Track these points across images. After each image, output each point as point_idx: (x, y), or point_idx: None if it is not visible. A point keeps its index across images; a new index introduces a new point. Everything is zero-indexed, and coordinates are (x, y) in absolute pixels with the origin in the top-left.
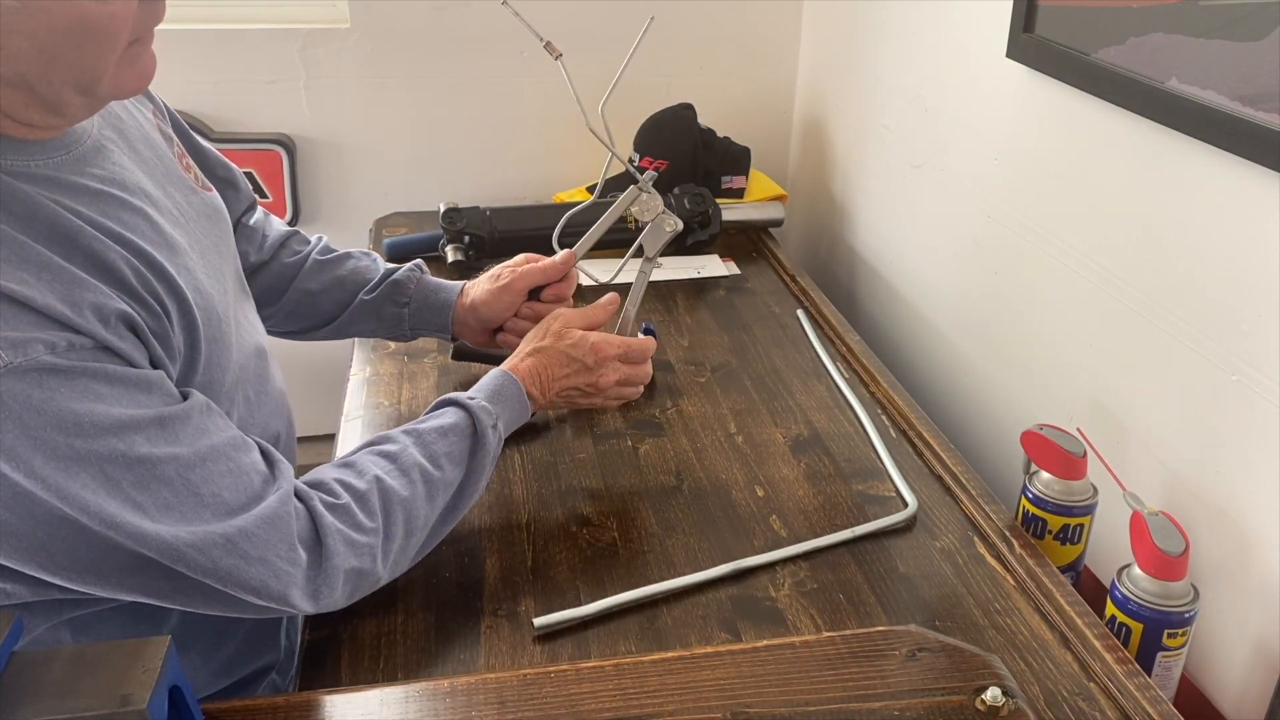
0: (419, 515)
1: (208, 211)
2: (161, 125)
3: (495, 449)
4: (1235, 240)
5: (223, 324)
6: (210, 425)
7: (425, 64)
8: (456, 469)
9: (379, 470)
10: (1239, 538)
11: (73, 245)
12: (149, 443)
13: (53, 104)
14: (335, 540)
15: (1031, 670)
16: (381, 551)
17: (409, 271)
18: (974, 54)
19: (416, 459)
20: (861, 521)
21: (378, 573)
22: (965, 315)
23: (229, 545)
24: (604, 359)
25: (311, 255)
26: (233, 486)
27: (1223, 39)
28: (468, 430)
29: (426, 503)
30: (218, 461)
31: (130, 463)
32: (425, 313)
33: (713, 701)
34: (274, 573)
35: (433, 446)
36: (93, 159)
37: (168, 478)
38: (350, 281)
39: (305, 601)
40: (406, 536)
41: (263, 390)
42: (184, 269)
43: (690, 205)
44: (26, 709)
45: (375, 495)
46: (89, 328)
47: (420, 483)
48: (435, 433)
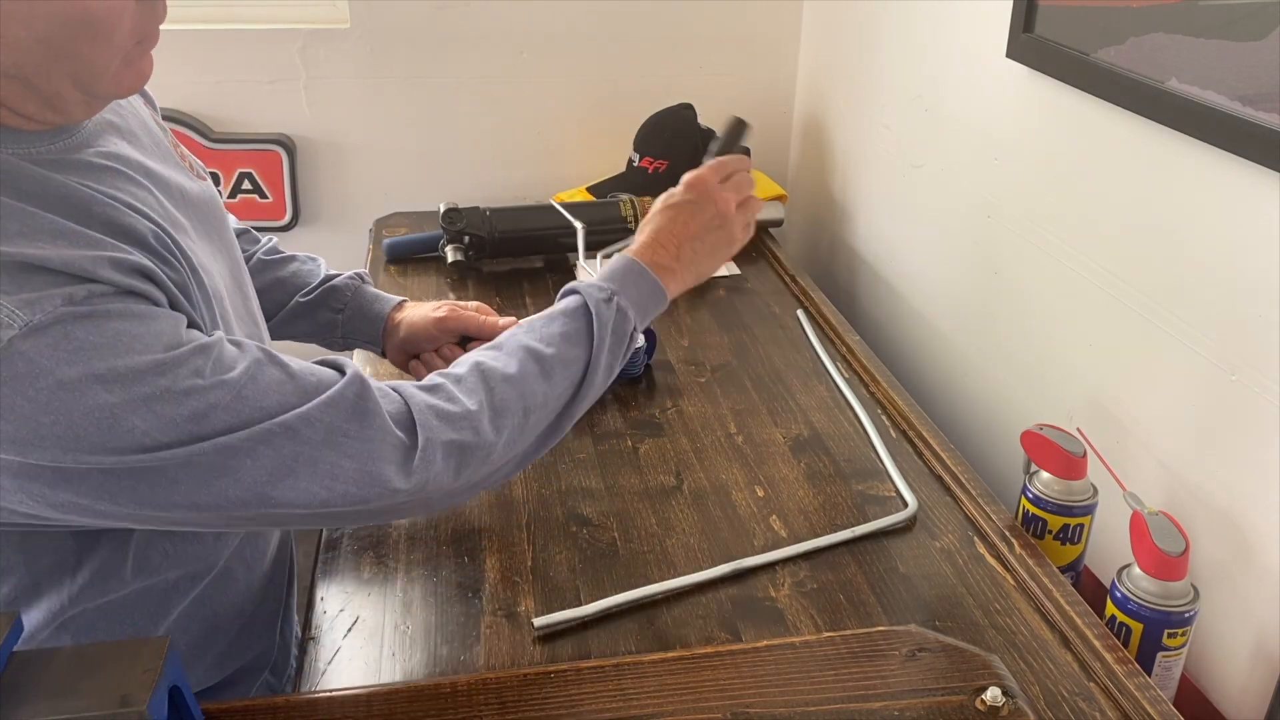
0: (534, 391)
1: (205, 199)
2: (155, 116)
3: (619, 323)
4: (1235, 240)
5: (224, 304)
6: (247, 346)
7: (425, 64)
8: (575, 347)
9: (479, 357)
10: (1239, 538)
11: (88, 213)
12: (195, 374)
13: (49, 98)
14: (426, 415)
15: (1031, 670)
16: (490, 425)
17: (348, 279)
18: (974, 54)
19: (521, 342)
20: (861, 521)
21: (486, 444)
22: (965, 315)
23: (289, 434)
24: (706, 188)
25: (257, 254)
26: (294, 389)
27: (1223, 39)
28: (580, 309)
29: (542, 379)
30: (269, 371)
31: (178, 397)
32: (358, 321)
33: (713, 701)
34: (347, 452)
35: (541, 330)
36: (94, 139)
37: (223, 404)
38: (290, 283)
39: (399, 476)
40: (524, 414)
41: None
42: (188, 247)
43: None
44: (26, 709)
45: (474, 375)
46: (107, 276)
47: (530, 360)
48: (544, 319)
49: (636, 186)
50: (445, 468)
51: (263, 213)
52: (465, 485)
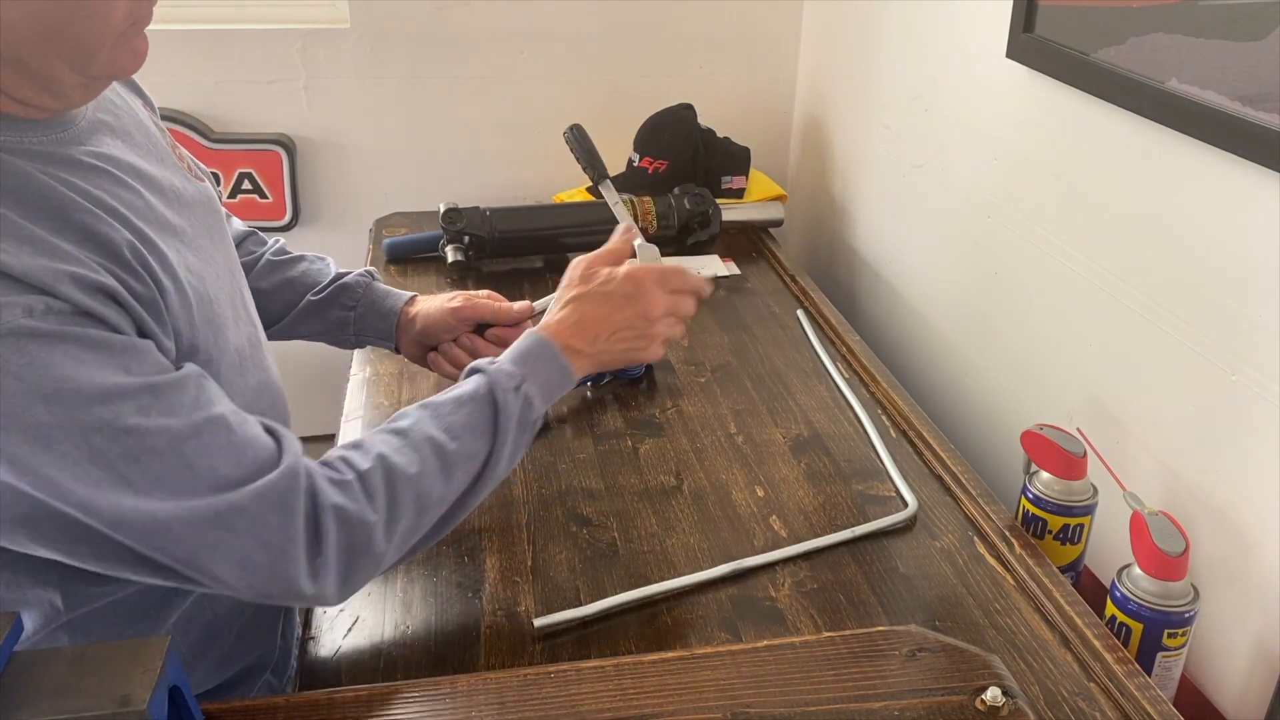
0: (432, 492)
1: (202, 200)
2: (153, 117)
3: (524, 413)
4: (1235, 240)
5: (216, 307)
6: (207, 396)
7: (425, 64)
8: (478, 439)
9: (385, 448)
10: (1239, 538)
11: (64, 219)
12: (139, 412)
13: (45, 81)
14: (329, 518)
15: (1031, 670)
16: (384, 531)
17: (358, 276)
18: (974, 54)
19: (428, 433)
20: (861, 521)
21: (378, 552)
22: (965, 315)
23: (216, 519)
24: (644, 286)
25: (265, 256)
26: (231, 460)
27: (1223, 39)
28: (486, 397)
29: (441, 478)
30: (215, 434)
31: (117, 433)
32: (371, 318)
33: (713, 701)
34: (264, 548)
35: (448, 418)
36: (86, 137)
37: (159, 450)
38: (300, 283)
39: (307, 582)
40: (418, 515)
41: (260, 381)
42: (176, 250)
43: (690, 205)
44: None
45: (379, 473)
46: (67, 293)
47: (432, 457)
48: (451, 403)
49: (636, 186)
50: (339, 574)
51: (263, 213)
52: (350, 590)
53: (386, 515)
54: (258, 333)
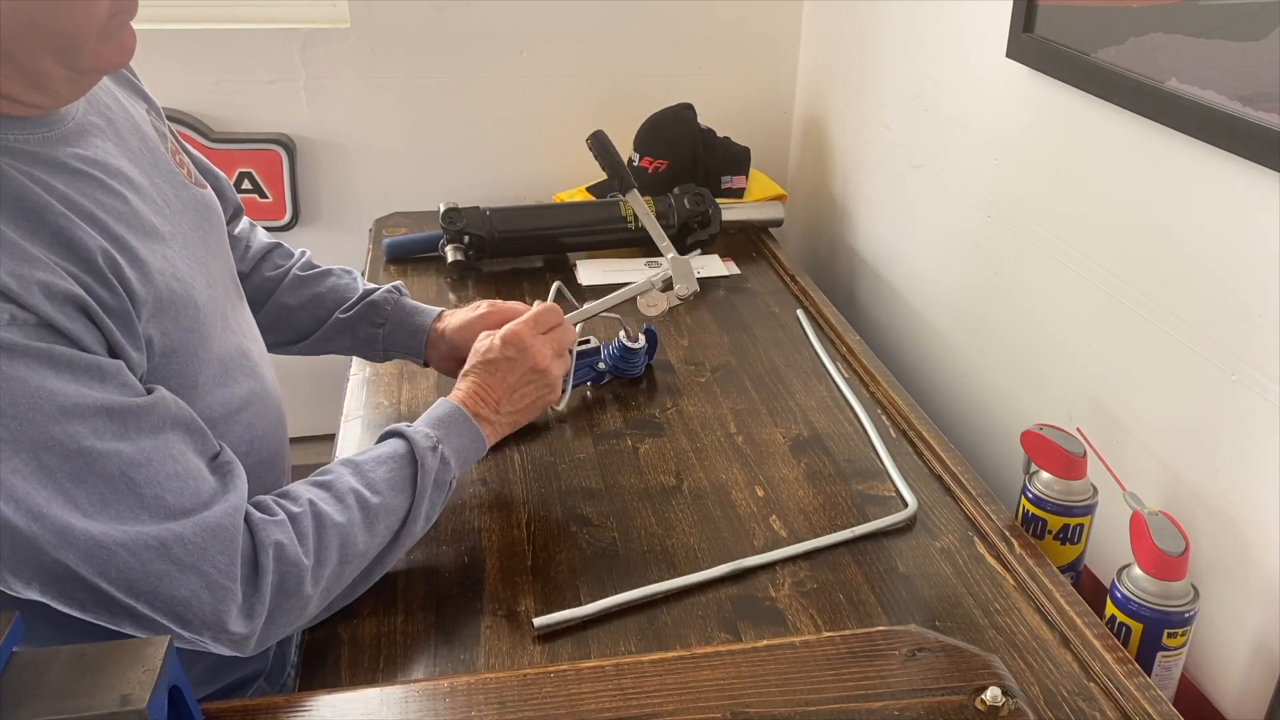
0: (355, 542)
1: (198, 207)
2: (156, 123)
3: (440, 473)
4: (1235, 240)
5: (201, 315)
6: (164, 423)
7: (425, 64)
8: (399, 495)
9: (313, 495)
10: (1239, 538)
11: (38, 221)
12: (94, 435)
13: (33, 75)
14: (268, 556)
15: (1031, 670)
16: (311, 576)
17: (386, 293)
18: (974, 54)
19: (352, 485)
20: (861, 521)
21: (305, 596)
22: (965, 315)
23: (163, 549)
24: (523, 344)
25: (292, 270)
26: (177, 490)
27: (1223, 39)
28: (406, 456)
29: (364, 530)
30: (164, 462)
31: (69, 454)
32: (400, 335)
33: (713, 701)
34: (207, 584)
35: (370, 474)
36: (75, 139)
37: (108, 474)
38: (329, 299)
39: (240, 622)
40: (341, 563)
41: (251, 390)
42: (160, 256)
43: (690, 205)
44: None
45: (309, 518)
46: (33, 303)
47: (356, 509)
48: (373, 461)
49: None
50: (268, 616)
51: (263, 212)
52: (270, 635)
53: (315, 560)
54: (250, 342)
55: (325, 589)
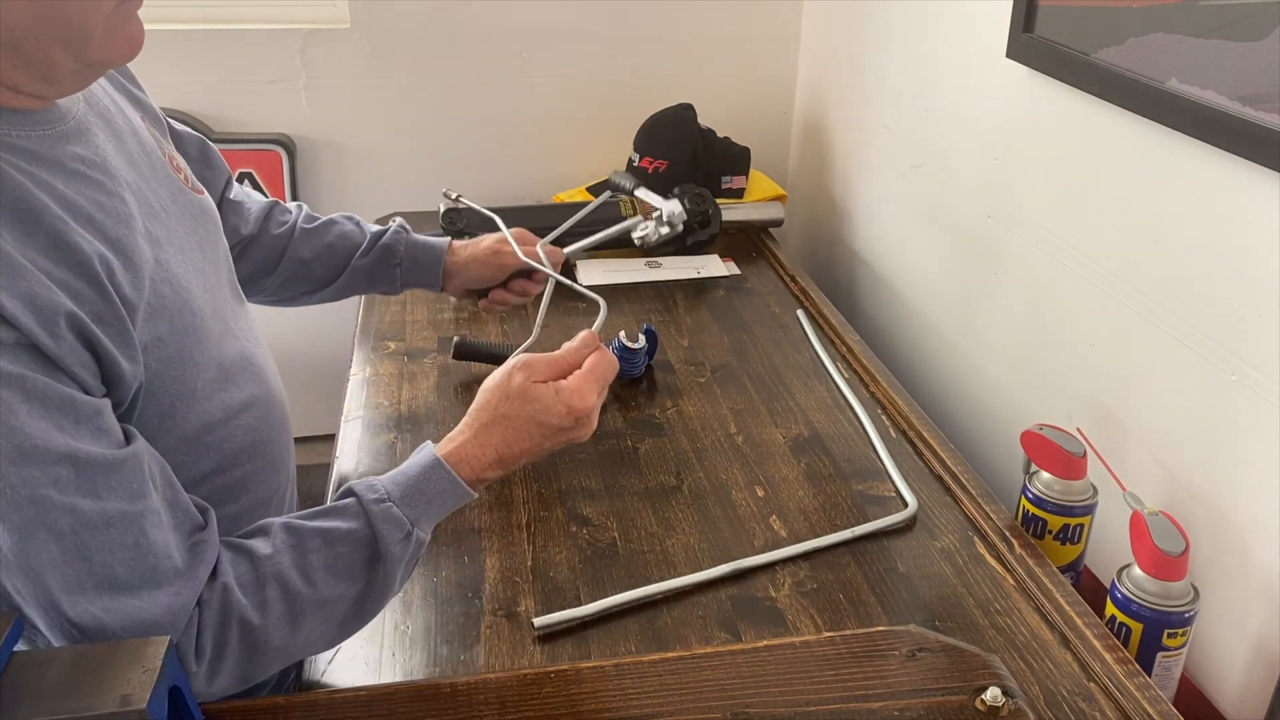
0: (270, 640)
1: (194, 212)
2: (153, 130)
3: (409, 554)
4: (1235, 240)
5: (198, 319)
6: (135, 484)
7: (425, 63)
8: (342, 584)
9: (233, 576)
10: (1239, 538)
11: (34, 223)
12: (53, 484)
13: (40, 64)
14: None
15: (1031, 670)
16: (205, 675)
17: (395, 234)
18: (974, 54)
19: (281, 570)
20: (861, 521)
21: (197, 689)
22: (965, 315)
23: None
24: (583, 414)
25: (298, 224)
26: (130, 563)
27: (1223, 39)
28: (364, 541)
29: (286, 625)
30: (126, 530)
31: (20, 501)
32: (415, 269)
33: (713, 701)
34: None
35: (311, 556)
36: (75, 139)
37: (59, 530)
38: (340, 247)
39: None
40: (249, 657)
41: (251, 394)
42: (155, 260)
43: (690, 205)
44: (26, 709)
45: (215, 608)
46: (16, 317)
47: (278, 603)
48: (319, 538)
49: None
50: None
51: None
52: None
53: (212, 656)
54: (253, 346)
55: (232, 678)
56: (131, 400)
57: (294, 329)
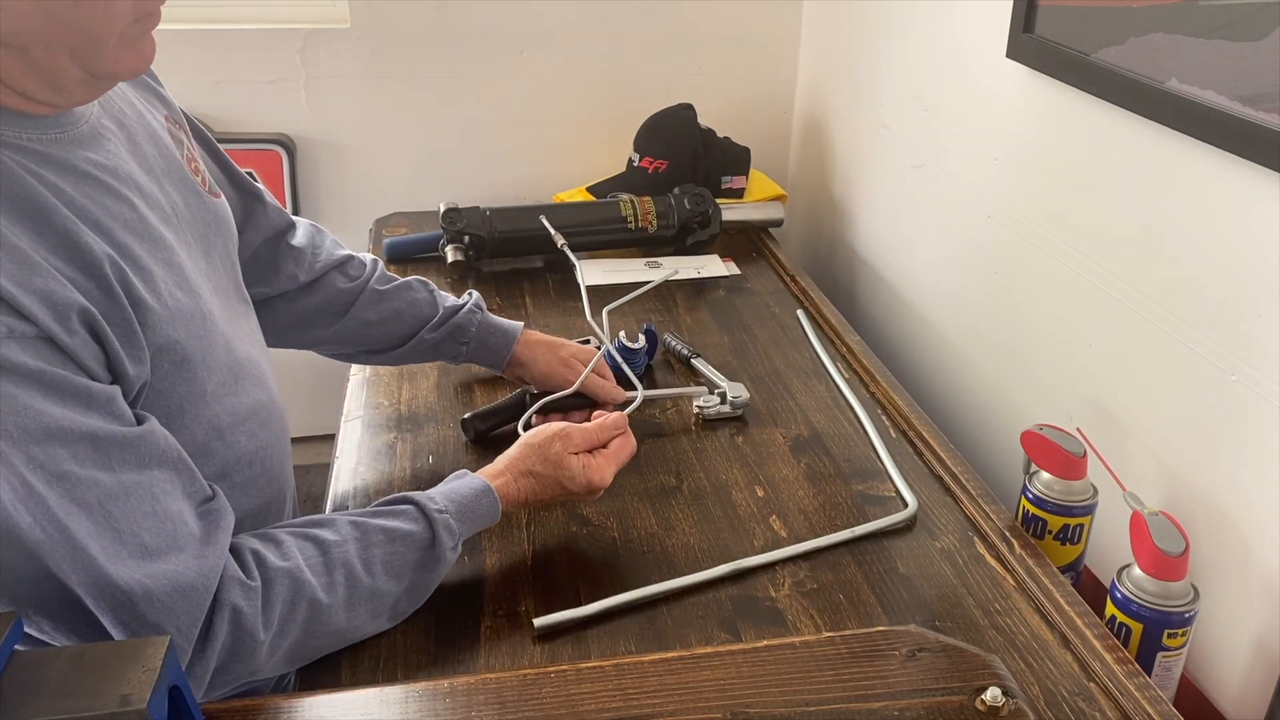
0: (330, 621)
1: (208, 217)
2: (174, 130)
3: (448, 565)
4: (1235, 240)
5: (208, 323)
6: (150, 459)
7: (425, 64)
8: (394, 581)
9: (302, 558)
10: (1239, 538)
11: (45, 223)
12: (74, 459)
13: (49, 73)
14: (223, 619)
15: (1031, 670)
16: (268, 647)
17: (469, 314)
18: (974, 54)
19: (348, 557)
20: (861, 521)
21: (257, 665)
22: (965, 315)
23: (129, 603)
24: (597, 489)
25: (370, 285)
26: (154, 530)
27: (1223, 39)
28: (422, 544)
29: (345, 610)
30: (143, 500)
31: (49, 478)
32: (482, 352)
33: (713, 701)
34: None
35: (374, 549)
36: (87, 142)
37: (87, 502)
38: (409, 315)
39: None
40: (306, 637)
41: (256, 401)
42: (165, 263)
43: (690, 205)
44: (26, 709)
45: (285, 584)
46: (33, 313)
47: (342, 586)
48: (382, 534)
49: (637, 186)
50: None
51: None
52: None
53: (277, 630)
54: (259, 351)
55: (286, 657)
56: (133, 401)
57: None
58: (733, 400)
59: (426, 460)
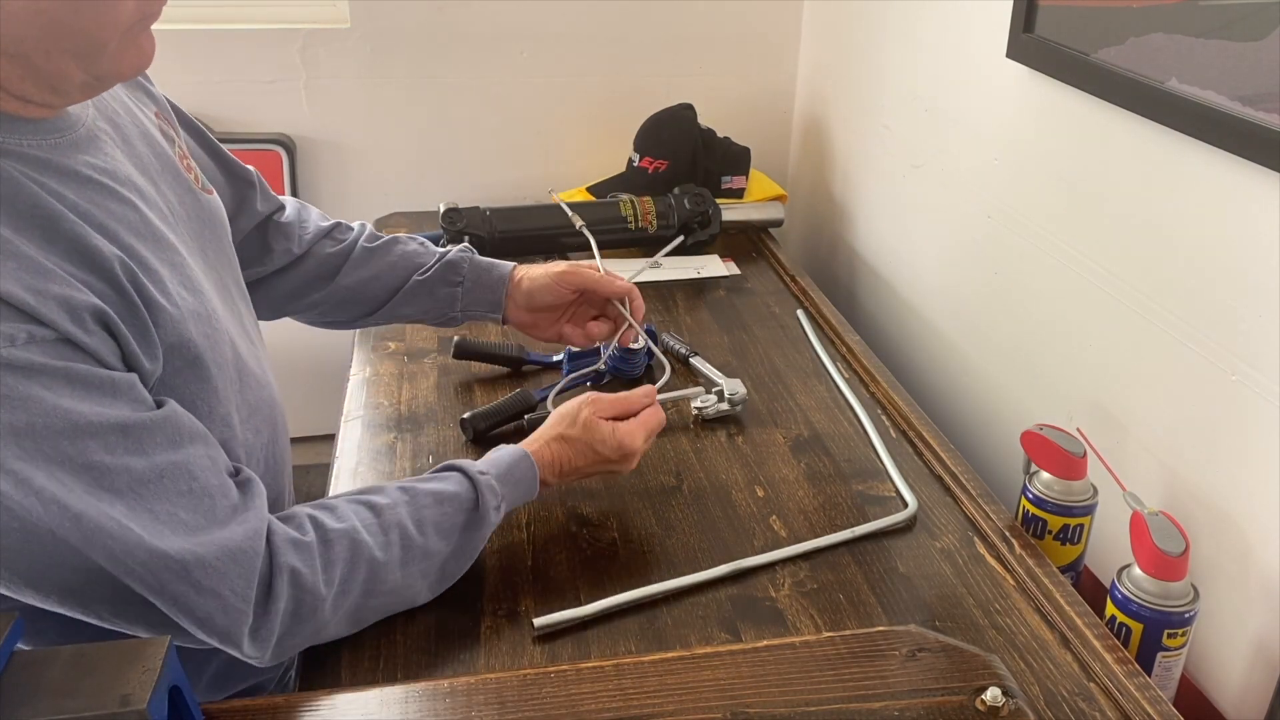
0: (386, 578)
1: (203, 215)
2: (164, 126)
3: (493, 526)
4: (1235, 240)
5: (213, 321)
6: (179, 438)
7: (425, 64)
8: (443, 540)
9: (358, 520)
10: (1239, 538)
11: (53, 230)
12: (105, 450)
13: (50, 77)
14: (283, 581)
15: (1031, 670)
16: (331, 604)
17: (461, 253)
18: (974, 54)
19: (401, 518)
20: (861, 521)
21: (321, 623)
22: (965, 315)
23: (183, 570)
24: (630, 453)
25: (359, 243)
26: (195, 507)
27: (1223, 39)
28: (468, 505)
29: (399, 567)
30: (177, 479)
31: (79, 468)
32: (478, 290)
33: (713, 701)
34: (223, 607)
35: (424, 511)
36: (86, 147)
37: (120, 490)
38: (402, 265)
39: (250, 644)
40: (365, 596)
41: (259, 398)
42: (170, 264)
43: (690, 205)
44: (26, 709)
45: (345, 544)
46: (51, 318)
47: (397, 545)
48: (431, 497)
49: (637, 186)
50: (278, 638)
51: None
52: (282, 654)
53: (339, 588)
54: (260, 349)
55: (348, 617)
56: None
57: (294, 328)
58: (730, 397)
59: (426, 460)
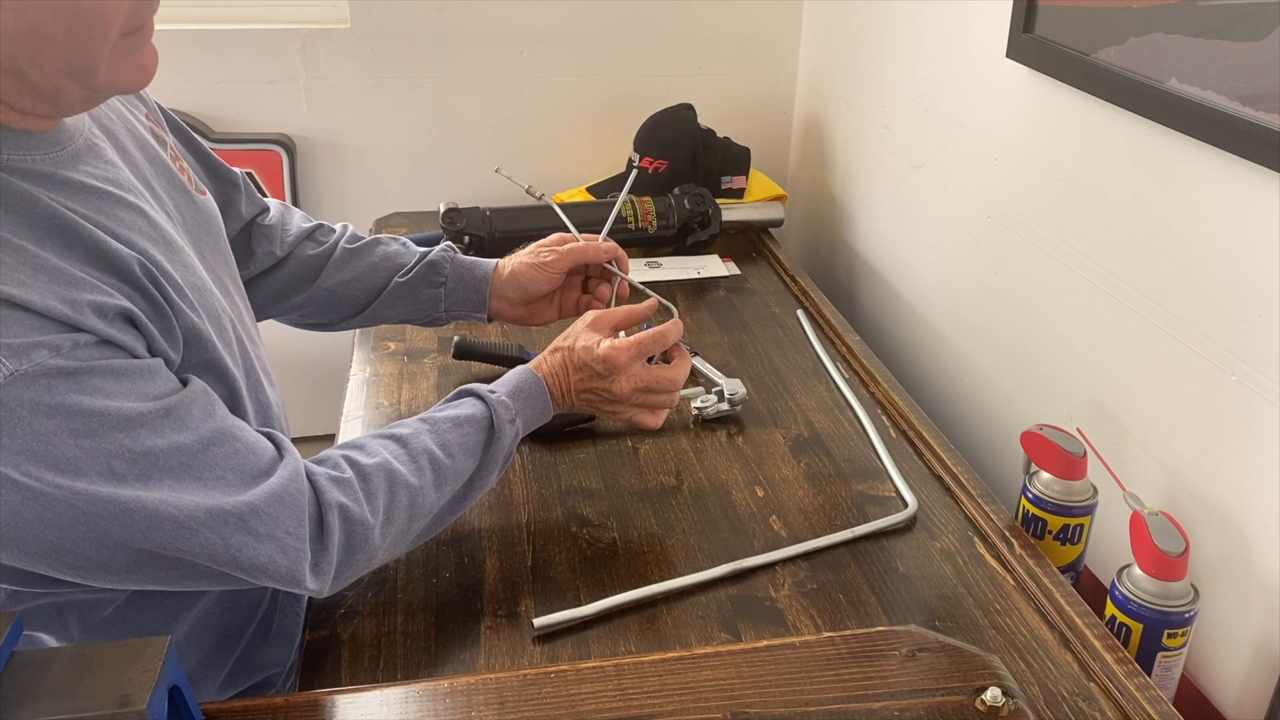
0: (424, 501)
1: (200, 216)
2: (155, 129)
3: (511, 445)
4: (1235, 240)
5: (222, 320)
6: (211, 408)
7: (425, 64)
8: (469, 459)
9: (388, 453)
10: (1239, 538)
11: (74, 239)
12: (155, 434)
13: (45, 91)
14: (334, 516)
15: (1031, 670)
16: (380, 532)
17: (442, 251)
18: (974, 54)
19: (427, 445)
20: (861, 521)
21: (372, 551)
22: (965, 315)
23: (240, 521)
24: (615, 367)
25: (340, 245)
26: (239, 466)
27: (1223, 39)
28: (484, 423)
29: (434, 490)
30: (223, 444)
31: (134, 456)
32: (462, 290)
33: (713, 701)
34: (282, 549)
35: (446, 435)
36: (86, 157)
37: (171, 467)
38: (383, 266)
39: (312, 578)
40: (410, 521)
41: (264, 395)
42: (182, 265)
43: (690, 205)
44: (26, 709)
45: (381, 475)
46: (90, 324)
47: (429, 469)
48: (449, 422)
49: (637, 186)
50: (336, 570)
51: None
52: (340, 585)
53: (384, 517)
54: (259, 347)
55: (393, 543)
56: None
57: (294, 328)
58: (730, 396)
59: None
